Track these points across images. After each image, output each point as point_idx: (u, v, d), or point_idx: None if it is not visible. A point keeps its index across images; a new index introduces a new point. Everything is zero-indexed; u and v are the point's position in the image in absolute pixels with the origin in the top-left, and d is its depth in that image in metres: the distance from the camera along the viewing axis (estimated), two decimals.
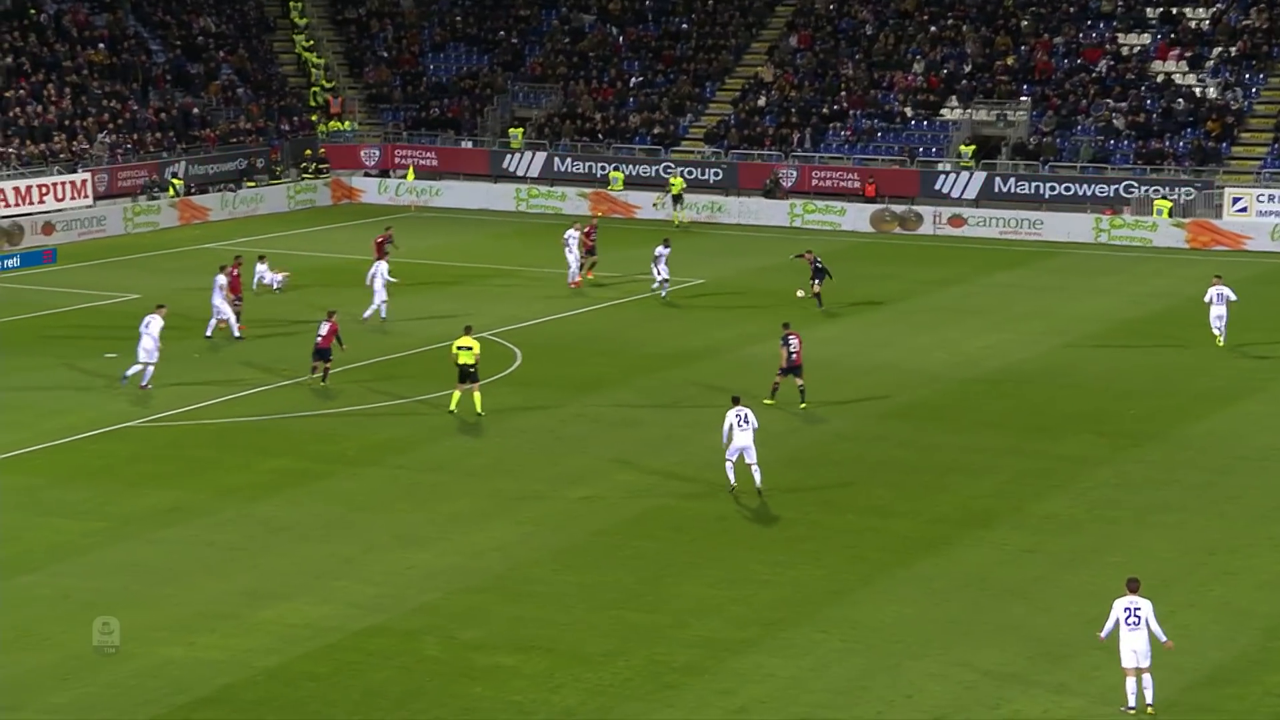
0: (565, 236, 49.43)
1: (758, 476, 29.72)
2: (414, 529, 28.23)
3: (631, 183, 65.14)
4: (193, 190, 61.82)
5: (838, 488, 30.91)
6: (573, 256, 48.83)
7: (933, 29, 68.98)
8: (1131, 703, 21.36)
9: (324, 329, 36.70)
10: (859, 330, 44.69)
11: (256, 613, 24.35)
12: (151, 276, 50.31)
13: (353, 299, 43.99)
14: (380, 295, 43.23)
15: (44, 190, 56.55)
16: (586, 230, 50.06)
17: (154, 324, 36.41)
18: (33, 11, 65.09)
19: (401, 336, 41.83)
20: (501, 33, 73.71)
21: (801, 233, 61.33)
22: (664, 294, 47.27)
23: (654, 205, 62.62)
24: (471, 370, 34.39)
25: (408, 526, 28.36)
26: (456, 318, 44.47)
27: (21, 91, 60.73)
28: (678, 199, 61.90)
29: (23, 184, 55.95)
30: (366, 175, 68.01)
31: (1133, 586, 21.56)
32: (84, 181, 57.82)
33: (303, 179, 66.29)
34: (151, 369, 36.34)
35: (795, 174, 64.01)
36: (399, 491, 30.38)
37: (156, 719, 21.09)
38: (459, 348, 34.55)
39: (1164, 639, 21.51)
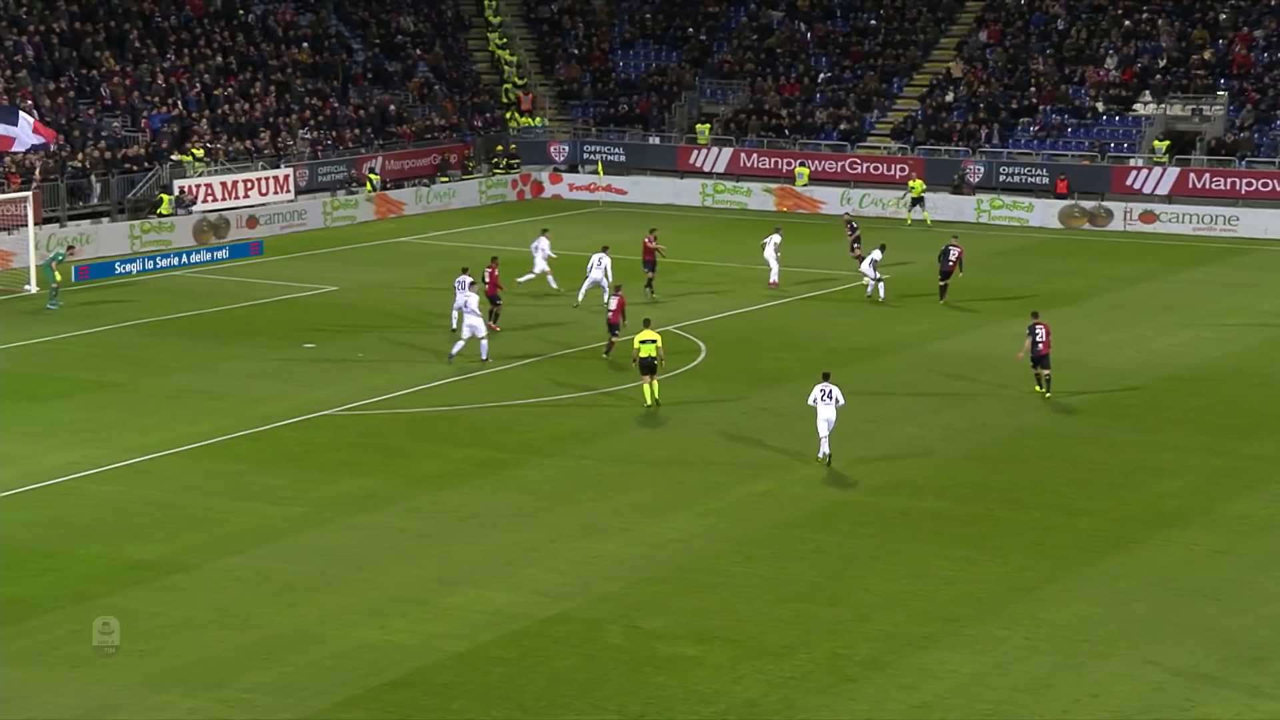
0: (764, 241, 49.08)
1: (826, 446, 31.03)
2: (599, 519, 28.44)
3: (817, 178, 64.86)
4: (389, 185, 63.00)
5: (1023, 485, 30.44)
6: (773, 259, 48.36)
7: (1126, 23, 67.52)
8: None
9: (613, 303, 38.27)
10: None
11: (446, 598, 24.73)
12: (349, 269, 51.39)
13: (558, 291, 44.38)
14: (539, 266, 44.86)
15: (249, 185, 58.10)
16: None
17: (471, 300, 38.16)
18: (241, 12, 66.90)
19: (587, 329, 42.15)
20: (690, 29, 73.84)
21: (988, 228, 60.50)
22: (881, 295, 46.19)
23: (894, 205, 61.88)
24: (654, 363, 34.58)
25: (593, 516, 28.58)
26: (641, 311, 44.73)
27: (230, 90, 62.45)
28: (918, 201, 61.14)
29: (229, 179, 57.55)
30: (556, 170, 68.65)
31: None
32: (286, 176, 59.28)
33: (494, 174, 67.16)
34: (485, 342, 37.89)
35: (982, 169, 63.12)
36: (584, 482, 30.62)
37: (352, 699, 21.54)
38: (641, 341, 34.74)
39: None
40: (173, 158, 57.04)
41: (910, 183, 62.14)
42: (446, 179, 65.40)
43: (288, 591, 24.91)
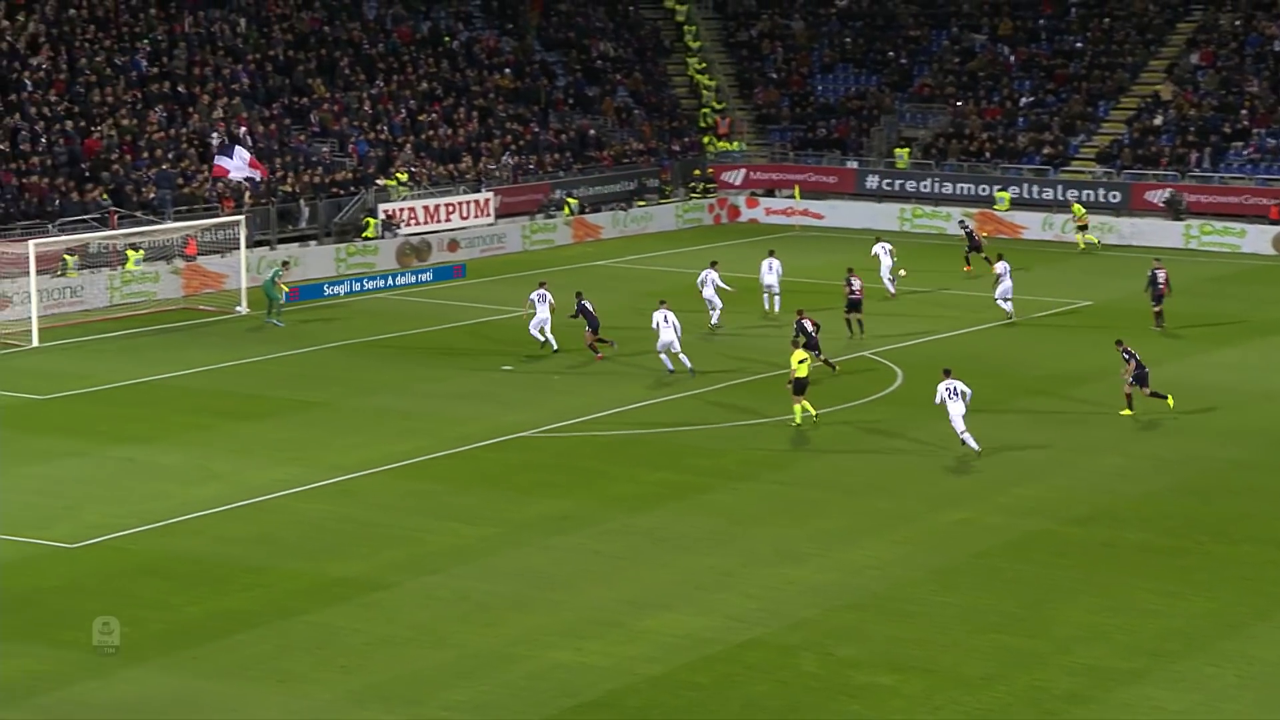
0: (874, 250, 50.90)
1: (971, 441, 32.72)
2: (793, 544, 28.28)
3: (1018, 203, 63.88)
4: (586, 209, 63.60)
5: (1235, 518, 29.53)
6: (885, 270, 50.20)
7: None
8: None
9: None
10: (1260, 355, 42.64)
11: (640, 621, 24.79)
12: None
13: (751, 313, 44.37)
14: (714, 302, 44.85)
15: (450, 209, 59.14)
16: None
17: (664, 315, 39.11)
18: (447, 39, 68.23)
19: (781, 354, 41.96)
20: (890, 53, 73.34)
21: (1197, 254, 58.94)
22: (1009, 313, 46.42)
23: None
24: (807, 382, 35.09)
25: (787, 542, 28.43)
26: (839, 337, 44.48)
27: (434, 115, 63.69)
28: (1083, 227, 60.30)
29: (432, 203, 58.66)
30: (753, 195, 68.61)
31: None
32: (486, 200, 60.21)
33: (690, 199, 67.38)
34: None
35: (1169, 193, 61.30)
36: (778, 507, 30.49)
37: None
38: (799, 361, 35.18)
39: None
40: (378, 182, 58.32)
41: (1073, 207, 61.16)
42: (643, 203, 65.79)
43: (484, 611, 25.20)
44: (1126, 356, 36.11)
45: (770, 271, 47.22)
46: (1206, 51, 67.63)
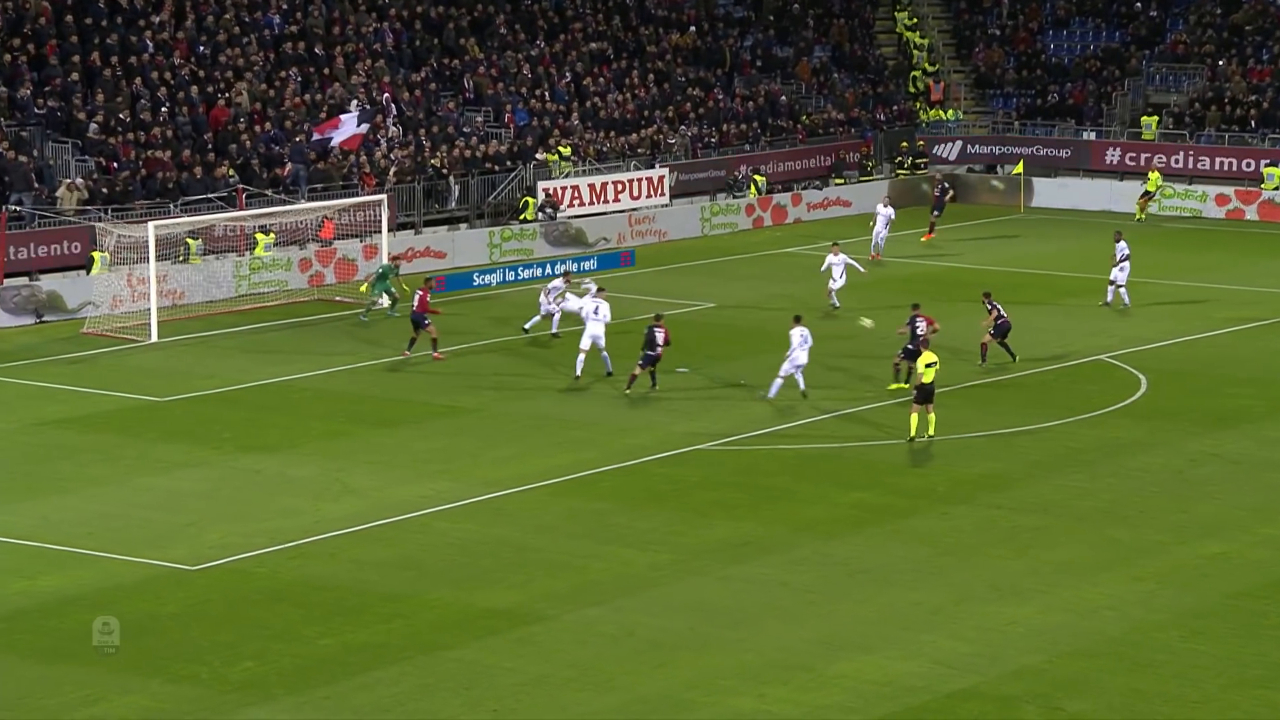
0: (874, 211, 54.73)
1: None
2: (1013, 579, 28.04)
3: None
4: (776, 188, 63.51)
5: None
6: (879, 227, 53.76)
7: None
8: None
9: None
10: None
11: (833, 665, 24.76)
12: (728, 283, 52.03)
13: (964, 308, 44.01)
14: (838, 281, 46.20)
15: (619, 187, 59.47)
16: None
17: (803, 334, 38.38)
18: None
19: (997, 356, 41.57)
20: (1138, 4, 72.21)
21: None
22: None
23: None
24: (931, 389, 34.72)
25: (1006, 576, 28.19)
26: (1066, 336, 43.95)
27: (603, 80, 64.08)
28: (1149, 194, 60.56)
29: (598, 180, 59.03)
30: (970, 171, 68.01)
31: None
32: (661, 178, 60.45)
33: (898, 175, 66.99)
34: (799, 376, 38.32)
35: None
36: (996, 535, 30.25)
37: None
38: (926, 365, 34.95)
39: None
40: (538, 156, 58.86)
41: (1150, 173, 61.58)
42: (842, 180, 65.54)
43: (654, 650, 25.35)
44: (989, 307, 40.46)
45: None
46: None
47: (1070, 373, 41.16)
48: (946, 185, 60.76)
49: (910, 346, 37.96)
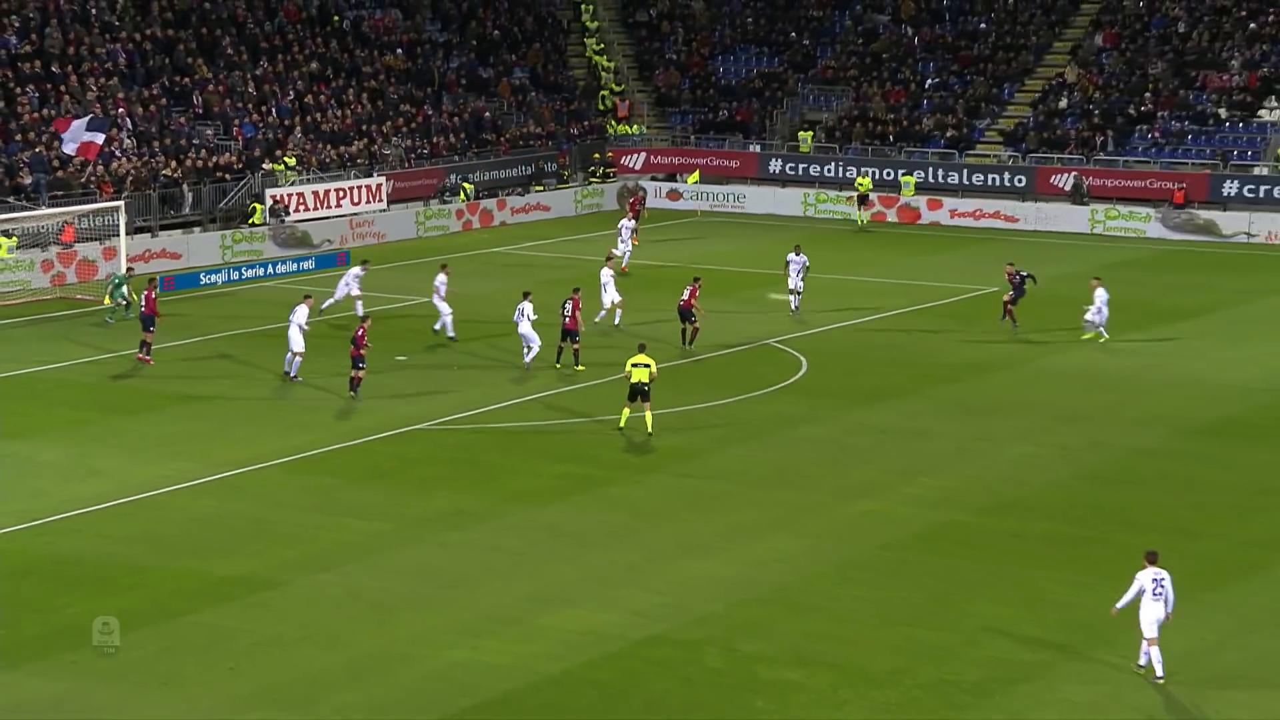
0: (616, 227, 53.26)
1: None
2: (698, 538, 28.41)
3: (923, 188, 64.53)
4: (482, 195, 63.37)
5: (1141, 506, 30.06)
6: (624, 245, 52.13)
7: (1252, 25, 66.57)
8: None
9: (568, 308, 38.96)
10: (1163, 342, 43.38)
11: (540, 618, 24.80)
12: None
13: (647, 300, 44.47)
14: (610, 297, 43.56)
15: (341, 194, 58.70)
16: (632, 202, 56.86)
17: (300, 313, 38.50)
18: (336, 18, 67.65)
19: (704, 343, 42.07)
20: (793, 34, 73.75)
21: (1102, 239, 59.89)
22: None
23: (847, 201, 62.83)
24: (645, 389, 33.90)
25: (691, 535, 28.55)
26: (742, 324, 44.70)
27: (323, 97, 63.14)
28: (863, 199, 62.08)
29: (322, 188, 58.16)
30: (653, 179, 68.73)
31: (1152, 559, 22.70)
32: (378, 186, 59.82)
33: (589, 184, 67.37)
34: (299, 360, 38.00)
35: (1073, 178, 62.31)
36: (683, 500, 30.60)
37: None
38: (633, 365, 34.05)
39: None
40: (265, 166, 57.74)
41: (858, 180, 62.88)
42: (541, 188, 65.69)
43: (378, 610, 25.10)
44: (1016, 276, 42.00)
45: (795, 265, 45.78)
46: (1110, 33, 68.67)
47: (743, 356, 41.86)
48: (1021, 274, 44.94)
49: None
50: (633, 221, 54.75)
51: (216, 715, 21.73)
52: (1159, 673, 22.44)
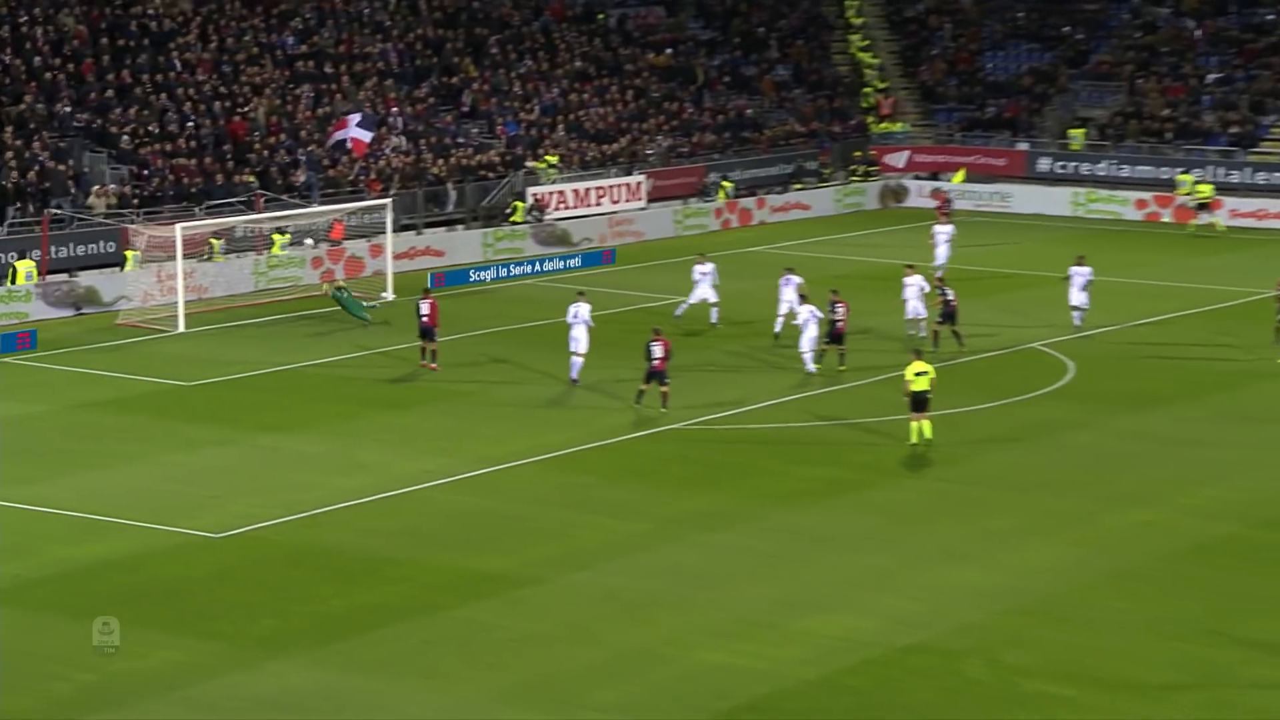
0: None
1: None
2: (958, 544, 27.95)
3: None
4: (741, 193, 63.32)
5: None
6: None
7: None
8: None
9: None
10: None
11: (796, 622, 24.65)
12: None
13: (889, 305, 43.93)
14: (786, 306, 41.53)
15: (600, 192, 59.30)
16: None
17: (583, 311, 37.97)
18: (601, 16, 68.43)
19: (939, 348, 41.47)
20: (1066, 28, 72.12)
21: None
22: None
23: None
24: (927, 397, 32.93)
25: (951, 541, 28.10)
26: (1006, 328, 43.90)
27: (586, 95, 63.89)
28: (1203, 206, 59.32)
29: (582, 186, 58.84)
30: (916, 178, 67.92)
31: None
32: (638, 184, 60.26)
33: (851, 182, 66.85)
34: (580, 362, 37.70)
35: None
36: (942, 505, 30.15)
37: None
38: (916, 374, 32.98)
39: None
40: (527, 165, 58.63)
41: (1196, 186, 60.22)
42: (801, 186, 65.40)
43: (634, 609, 25.23)
44: (940, 293, 40.42)
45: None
46: None
47: (1007, 359, 41.09)
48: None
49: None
50: (948, 226, 51.67)
51: (477, 709, 22.07)
52: None
